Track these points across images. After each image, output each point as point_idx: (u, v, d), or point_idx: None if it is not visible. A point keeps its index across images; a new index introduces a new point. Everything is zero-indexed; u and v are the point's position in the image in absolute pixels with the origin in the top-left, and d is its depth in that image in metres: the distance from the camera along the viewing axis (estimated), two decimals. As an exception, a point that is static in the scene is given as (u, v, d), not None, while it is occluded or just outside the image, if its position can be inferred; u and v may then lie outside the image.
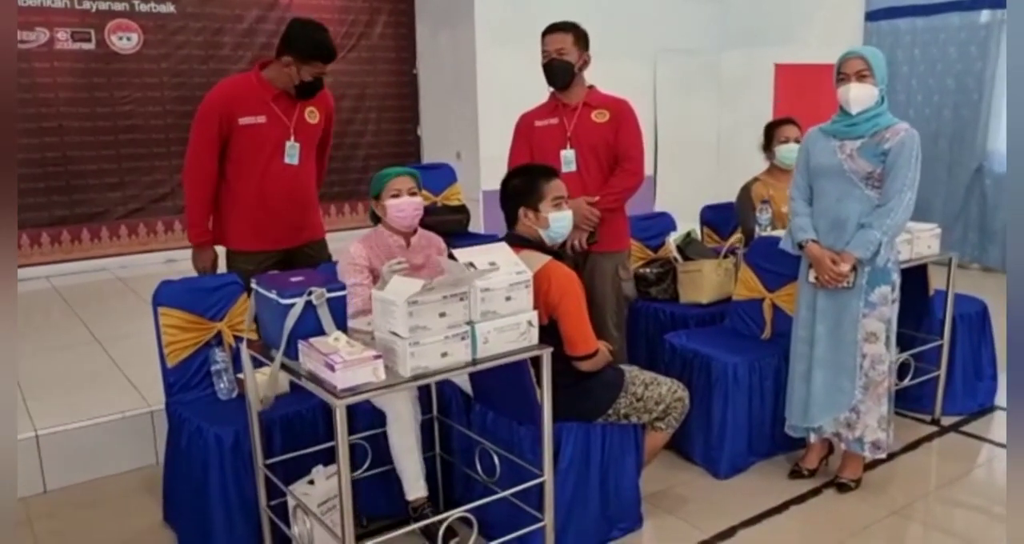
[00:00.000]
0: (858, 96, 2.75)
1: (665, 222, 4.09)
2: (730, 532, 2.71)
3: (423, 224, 2.85)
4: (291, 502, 2.39)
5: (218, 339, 2.77)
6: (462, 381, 2.72)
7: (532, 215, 2.47)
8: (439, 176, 4.95)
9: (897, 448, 3.28)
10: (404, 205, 2.68)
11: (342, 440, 1.94)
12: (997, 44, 6.03)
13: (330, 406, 1.96)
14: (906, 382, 3.48)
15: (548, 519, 2.34)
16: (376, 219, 2.79)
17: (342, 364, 1.91)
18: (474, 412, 2.67)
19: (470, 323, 2.10)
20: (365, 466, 2.62)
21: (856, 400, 2.86)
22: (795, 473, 3.06)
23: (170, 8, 5.95)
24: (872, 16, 6.75)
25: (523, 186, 2.48)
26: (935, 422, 3.53)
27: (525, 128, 3.29)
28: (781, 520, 2.79)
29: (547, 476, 2.31)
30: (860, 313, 2.80)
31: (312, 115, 3.12)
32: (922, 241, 3.29)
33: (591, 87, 3.25)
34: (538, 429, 2.30)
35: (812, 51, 6.99)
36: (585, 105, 3.18)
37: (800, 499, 2.91)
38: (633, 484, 2.66)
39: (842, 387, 2.87)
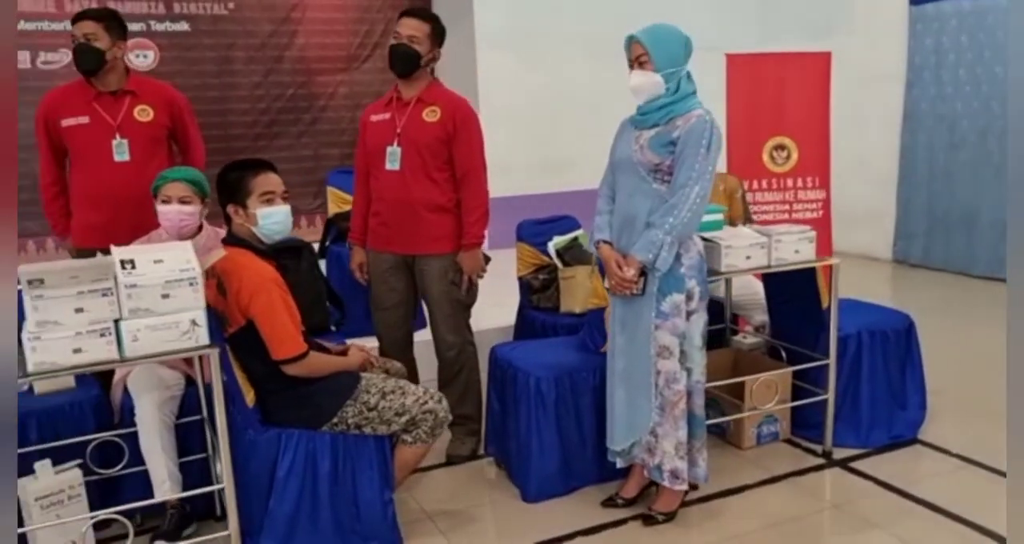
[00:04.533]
0: (638, 84, 2.46)
1: (567, 225, 3.82)
2: (489, 559, 2.48)
3: None
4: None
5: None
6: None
7: (242, 212, 2.37)
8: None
9: (752, 481, 2.88)
10: (171, 213, 2.68)
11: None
12: (1050, 24, 5.21)
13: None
14: (770, 406, 3.07)
15: (232, 527, 2.24)
16: None
17: (-47, 355, 1.91)
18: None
19: (118, 320, 2.05)
20: (123, 463, 2.62)
21: (654, 422, 2.54)
22: (609, 502, 2.75)
23: (184, 27, 6.30)
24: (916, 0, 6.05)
25: (231, 182, 2.39)
26: (825, 454, 3.06)
27: (363, 124, 3.18)
28: (555, 551, 2.52)
29: (227, 483, 2.21)
30: (652, 324, 2.49)
31: (143, 113, 3.13)
32: (786, 245, 2.88)
33: (434, 82, 3.11)
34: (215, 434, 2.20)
35: (857, 40, 6.41)
36: (419, 101, 3.03)
37: (595, 530, 2.62)
38: (380, 499, 2.48)
39: (640, 406, 2.55)
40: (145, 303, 2.07)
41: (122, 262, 2.08)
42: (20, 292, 1.98)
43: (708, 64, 3.56)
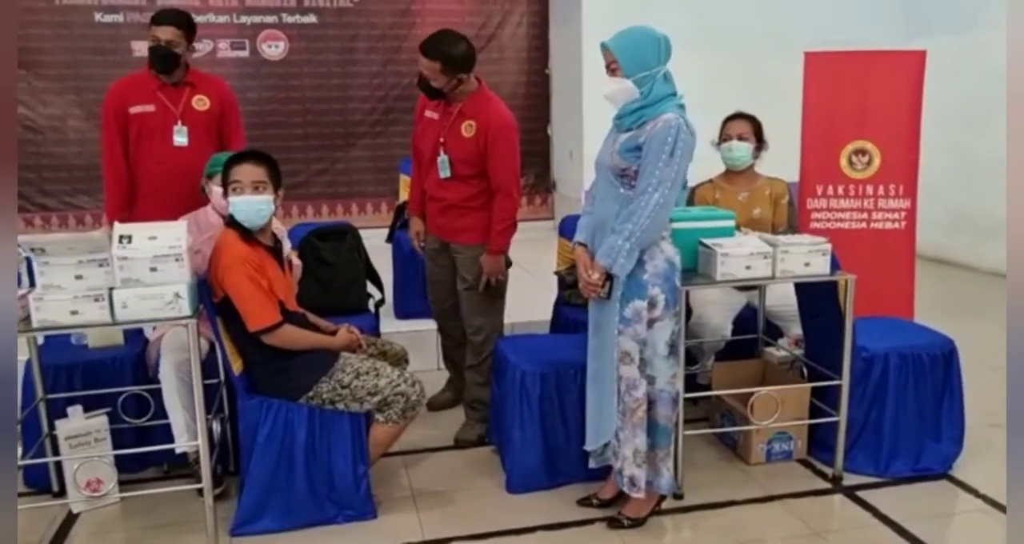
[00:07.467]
0: (610, 92, 2.44)
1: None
2: (445, 541, 2.57)
3: None
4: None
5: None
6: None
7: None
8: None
9: (742, 498, 2.79)
10: (216, 192, 2.94)
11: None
12: None
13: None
14: (770, 422, 2.93)
15: (205, 480, 2.47)
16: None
17: (-28, 309, 2.26)
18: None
19: (112, 288, 2.32)
20: (150, 414, 2.95)
21: (616, 426, 2.53)
22: (585, 501, 2.77)
23: (312, 19, 6.74)
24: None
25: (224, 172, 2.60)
26: (834, 479, 2.90)
27: (418, 113, 3.28)
28: (510, 541, 2.57)
29: (201, 441, 2.44)
30: (616, 329, 2.48)
31: (201, 102, 3.42)
32: (794, 257, 2.74)
33: (477, 92, 3.13)
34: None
35: (1001, 33, 5.82)
36: (460, 113, 3.10)
37: (558, 526, 2.64)
38: (353, 472, 2.64)
39: (606, 410, 2.55)
40: (135, 274, 2.33)
41: (120, 237, 2.35)
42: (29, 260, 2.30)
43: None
